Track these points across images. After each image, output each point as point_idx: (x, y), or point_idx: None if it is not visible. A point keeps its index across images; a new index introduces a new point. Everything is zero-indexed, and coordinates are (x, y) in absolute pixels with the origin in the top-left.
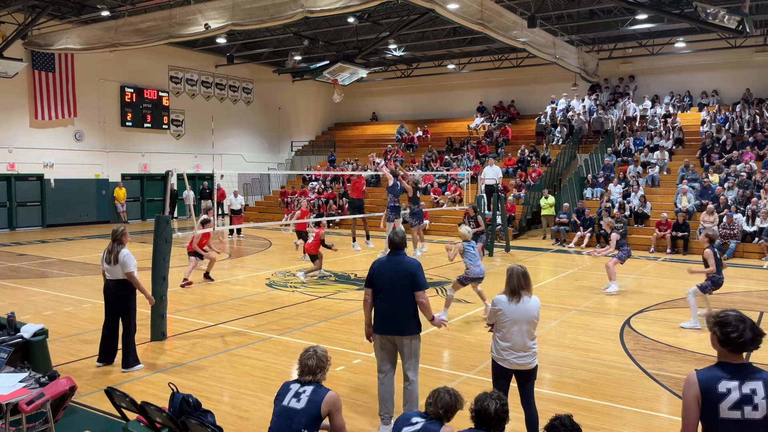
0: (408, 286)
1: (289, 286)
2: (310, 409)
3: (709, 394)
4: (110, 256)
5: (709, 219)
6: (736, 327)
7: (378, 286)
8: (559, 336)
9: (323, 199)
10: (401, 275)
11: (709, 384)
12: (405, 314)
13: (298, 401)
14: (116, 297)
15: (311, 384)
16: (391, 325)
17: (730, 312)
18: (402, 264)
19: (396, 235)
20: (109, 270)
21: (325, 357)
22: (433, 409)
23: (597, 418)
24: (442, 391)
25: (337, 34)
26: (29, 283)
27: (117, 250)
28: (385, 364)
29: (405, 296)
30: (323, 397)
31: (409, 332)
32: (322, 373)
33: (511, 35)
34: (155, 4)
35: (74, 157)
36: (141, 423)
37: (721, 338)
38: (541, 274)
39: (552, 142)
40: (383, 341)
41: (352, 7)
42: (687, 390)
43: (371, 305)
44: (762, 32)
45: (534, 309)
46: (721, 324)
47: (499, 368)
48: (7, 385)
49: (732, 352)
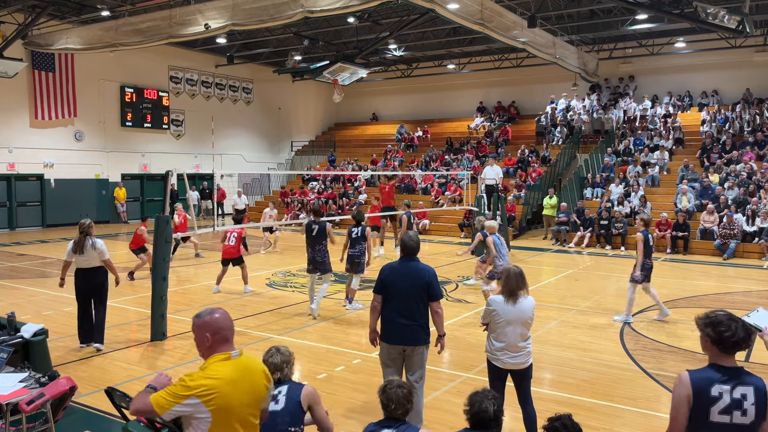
0: (422, 294)
1: (289, 286)
2: (291, 407)
3: (701, 397)
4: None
5: (709, 219)
6: (728, 326)
7: (390, 294)
8: (559, 336)
9: (323, 199)
10: (416, 283)
11: (701, 386)
12: (418, 324)
13: (276, 403)
14: (94, 283)
15: (283, 383)
16: (404, 335)
17: (719, 312)
18: (417, 271)
19: (410, 239)
20: (84, 259)
21: (288, 351)
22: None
23: (597, 418)
24: (390, 387)
25: (337, 34)
26: (29, 283)
27: (92, 240)
28: (391, 373)
29: (418, 305)
30: (300, 392)
31: (421, 342)
32: (289, 368)
33: (511, 35)
34: (155, 4)
35: (74, 157)
36: (141, 423)
37: (714, 338)
38: (542, 274)
39: (552, 142)
40: (392, 351)
41: (352, 7)
42: (678, 390)
43: (379, 312)
44: (762, 32)
45: (528, 309)
46: (713, 324)
47: (494, 369)
48: (7, 385)
49: (724, 352)
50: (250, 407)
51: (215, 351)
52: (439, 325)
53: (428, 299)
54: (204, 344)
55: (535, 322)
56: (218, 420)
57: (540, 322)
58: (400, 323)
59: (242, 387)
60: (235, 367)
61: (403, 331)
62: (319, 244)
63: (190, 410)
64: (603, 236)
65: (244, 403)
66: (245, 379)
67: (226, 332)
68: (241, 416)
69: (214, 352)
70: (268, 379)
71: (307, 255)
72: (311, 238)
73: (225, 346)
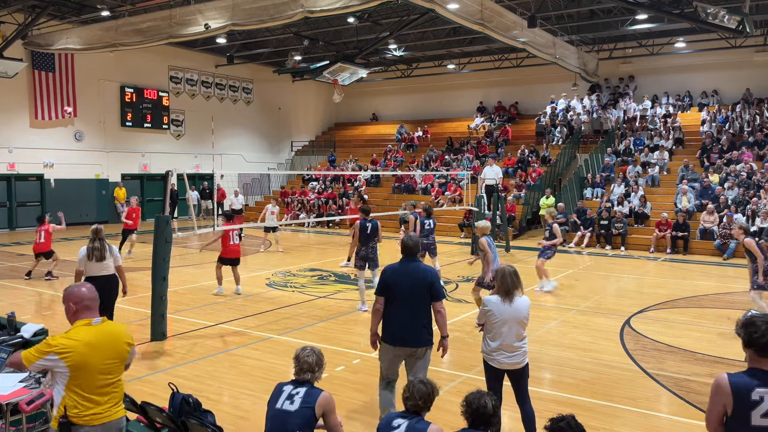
0: (425, 295)
1: (289, 286)
2: (304, 411)
3: (742, 402)
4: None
5: (709, 219)
6: (758, 327)
7: (393, 295)
8: (559, 336)
9: (323, 199)
10: (418, 284)
11: (741, 391)
12: (421, 325)
13: (291, 403)
14: (108, 291)
15: (304, 385)
16: (407, 337)
17: (758, 315)
18: (418, 272)
19: (410, 240)
20: (99, 267)
21: (322, 356)
22: (412, 402)
23: (597, 418)
24: (416, 382)
25: (337, 34)
26: (29, 283)
27: (108, 246)
28: (392, 375)
29: (421, 306)
30: (317, 397)
31: (424, 343)
32: (320, 371)
33: (511, 35)
34: (155, 4)
35: (74, 157)
36: (141, 423)
37: (745, 339)
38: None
39: (552, 142)
40: (395, 352)
41: (352, 7)
42: (716, 394)
43: (382, 314)
44: (762, 32)
45: (524, 309)
46: (745, 326)
47: (491, 369)
48: (7, 385)
49: (759, 355)
50: (113, 364)
51: (78, 317)
52: (442, 325)
53: (431, 299)
54: (69, 311)
55: (535, 322)
56: (76, 374)
57: (540, 322)
58: (404, 325)
59: (102, 348)
60: (97, 332)
61: (407, 333)
62: (371, 240)
63: (51, 364)
64: (603, 236)
65: (103, 361)
66: (106, 341)
67: (88, 302)
68: (100, 371)
69: (78, 318)
70: (129, 343)
71: (359, 252)
72: (365, 236)
73: (87, 314)
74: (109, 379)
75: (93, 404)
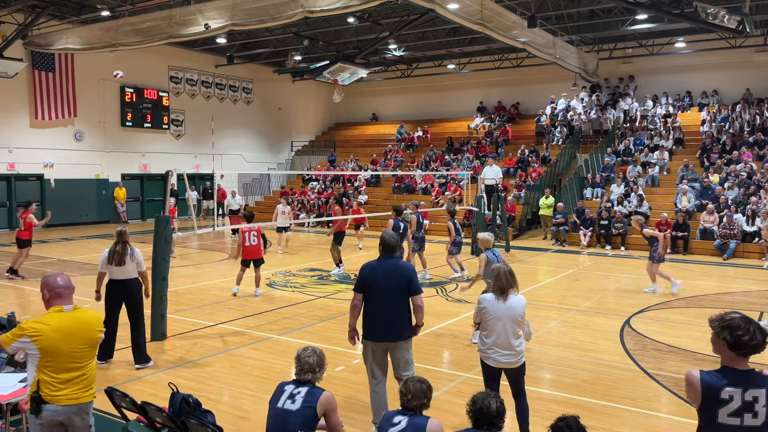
0: (404, 291)
1: (289, 286)
2: (306, 411)
3: (711, 400)
4: (123, 257)
5: (709, 219)
6: (746, 329)
7: (372, 292)
8: (559, 336)
9: (323, 199)
10: (397, 281)
11: (711, 390)
12: (401, 320)
13: (292, 402)
14: (132, 296)
15: (306, 384)
16: (389, 332)
17: (734, 314)
18: (397, 269)
19: (390, 237)
20: (124, 270)
21: (324, 357)
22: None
23: (597, 418)
24: (412, 380)
25: (337, 34)
26: (29, 283)
27: (131, 249)
28: (378, 372)
29: (401, 302)
30: (318, 397)
31: (405, 337)
32: (321, 372)
33: (511, 35)
34: (155, 4)
35: (74, 157)
36: (141, 423)
37: (732, 342)
38: (541, 274)
39: (552, 142)
40: (376, 348)
41: (352, 7)
42: (689, 390)
43: (360, 310)
44: (762, 32)
45: (519, 307)
46: (730, 328)
47: (487, 368)
48: (7, 385)
49: (740, 356)
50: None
51: (52, 304)
52: (419, 317)
53: (409, 294)
54: (44, 298)
55: (536, 322)
56: (45, 356)
57: (540, 322)
58: (385, 320)
59: (72, 333)
60: (68, 319)
61: (389, 328)
62: (404, 239)
63: (23, 346)
64: (603, 236)
65: (72, 346)
66: (76, 328)
67: (60, 290)
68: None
69: (51, 305)
70: (100, 330)
71: None
72: (399, 235)
73: (58, 301)
74: (79, 363)
75: (62, 385)
